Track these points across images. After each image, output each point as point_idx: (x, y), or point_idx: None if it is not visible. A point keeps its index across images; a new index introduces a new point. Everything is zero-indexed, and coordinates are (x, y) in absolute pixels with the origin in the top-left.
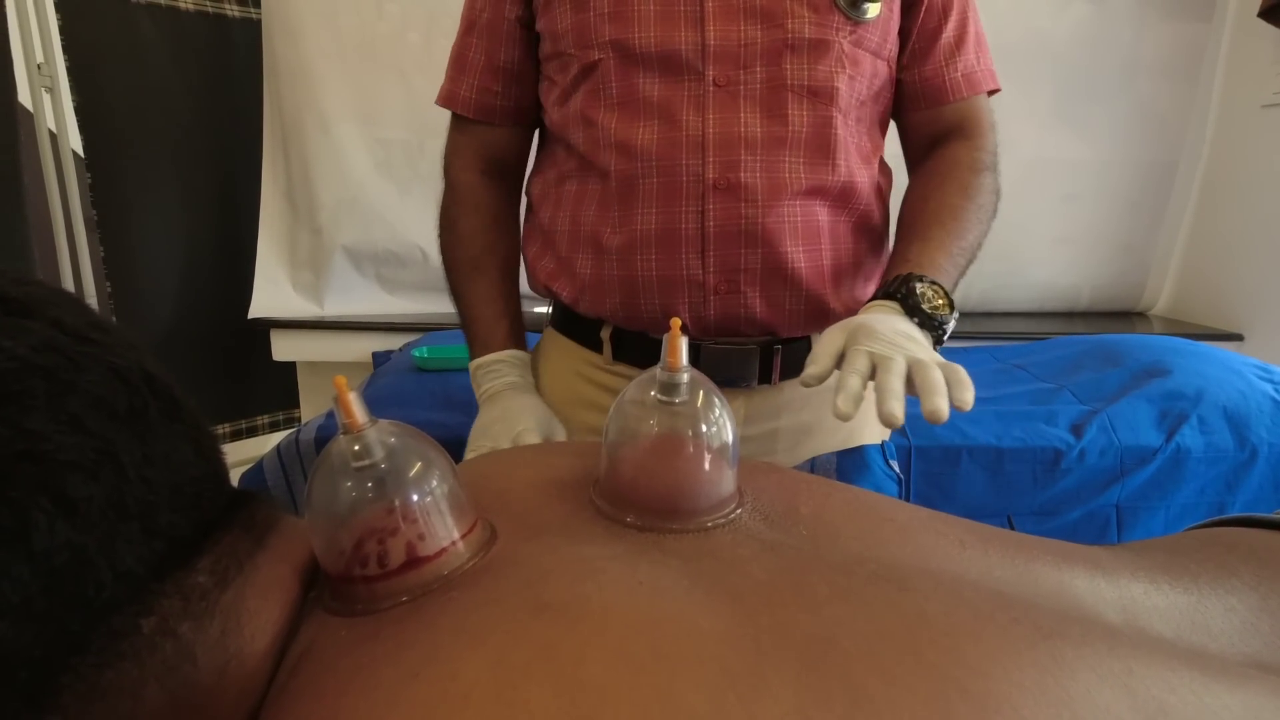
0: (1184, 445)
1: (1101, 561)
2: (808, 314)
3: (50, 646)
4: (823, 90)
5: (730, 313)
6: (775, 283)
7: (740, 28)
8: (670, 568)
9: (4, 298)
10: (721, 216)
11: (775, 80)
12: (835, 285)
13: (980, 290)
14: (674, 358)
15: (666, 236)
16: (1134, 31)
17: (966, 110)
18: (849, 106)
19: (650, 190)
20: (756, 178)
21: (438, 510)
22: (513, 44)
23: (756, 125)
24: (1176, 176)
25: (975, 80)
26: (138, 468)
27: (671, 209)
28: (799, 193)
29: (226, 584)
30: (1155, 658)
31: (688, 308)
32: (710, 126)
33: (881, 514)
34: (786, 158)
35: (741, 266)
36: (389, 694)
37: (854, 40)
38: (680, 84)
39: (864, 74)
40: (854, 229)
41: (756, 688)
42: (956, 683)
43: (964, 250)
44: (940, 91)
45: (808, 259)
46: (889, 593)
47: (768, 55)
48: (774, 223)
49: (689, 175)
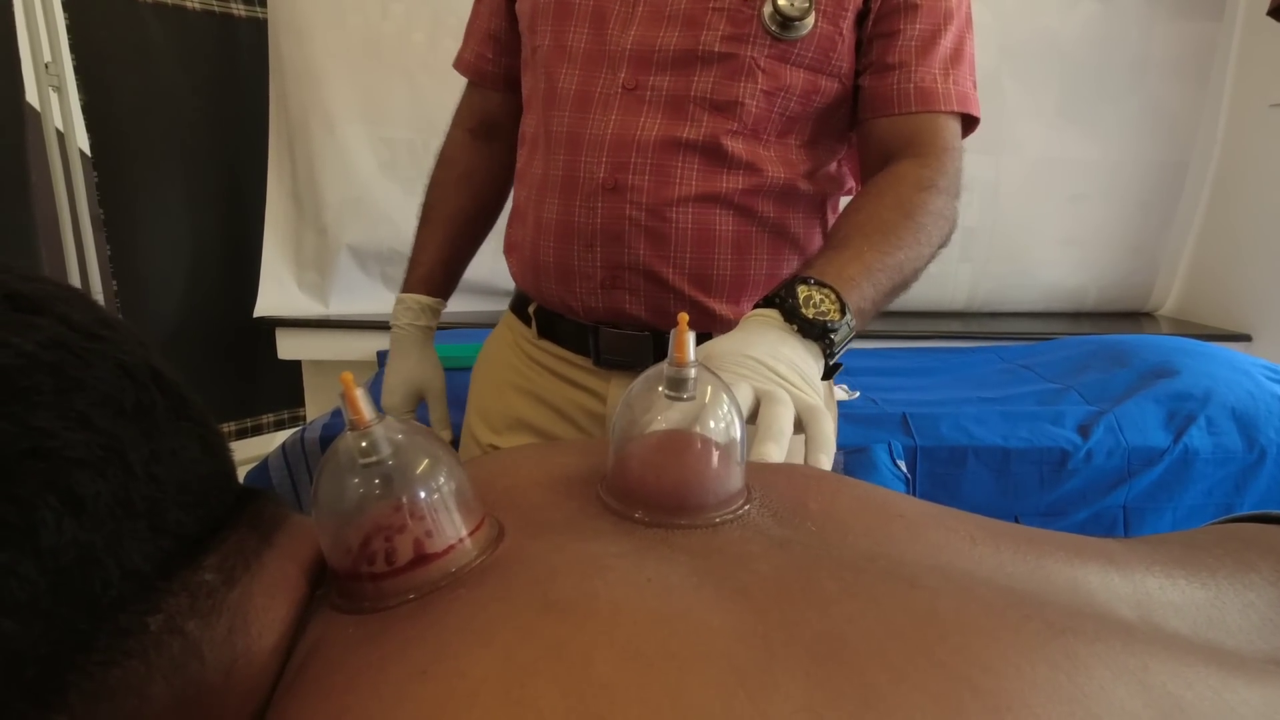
0: (1192, 446)
1: (1115, 556)
2: (694, 320)
3: (57, 645)
4: (726, 104)
5: (615, 306)
6: (654, 286)
7: (659, 34)
8: (678, 564)
9: (12, 294)
10: (608, 215)
11: (680, 90)
12: (734, 295)
13: (986, 290)
14: (681, 352)
15: (563, 228)
16: (1143, 30)
17: (918, 126)
18: (762, 121)
19: (556, 182)
20: (644, 180)
21: (445, 507)
22: (501, 15)
23: (653, 130)
24: (1187, 177)
25: (931, 96)
26: (145, 465)
27: (569, 202)
28: (689, 199)
29: (234, 582)
30: (1171, 654)
31: (579, 296)
32: (611, 128)
33: (891, 510)
34: (679, 164)
35: (625, 265)
36: (396, 691)
37: (776, 55)
38: (595, 83)
39: (791, 90)
40: (773, 240)
41: (766, 685)
42: (968, 680)
43: (888, 268)
44: (886, 101)
45: (694, 265)
46: (899, 589)
47: (678, 64)
48: (658, 226)
49: (586, 172)
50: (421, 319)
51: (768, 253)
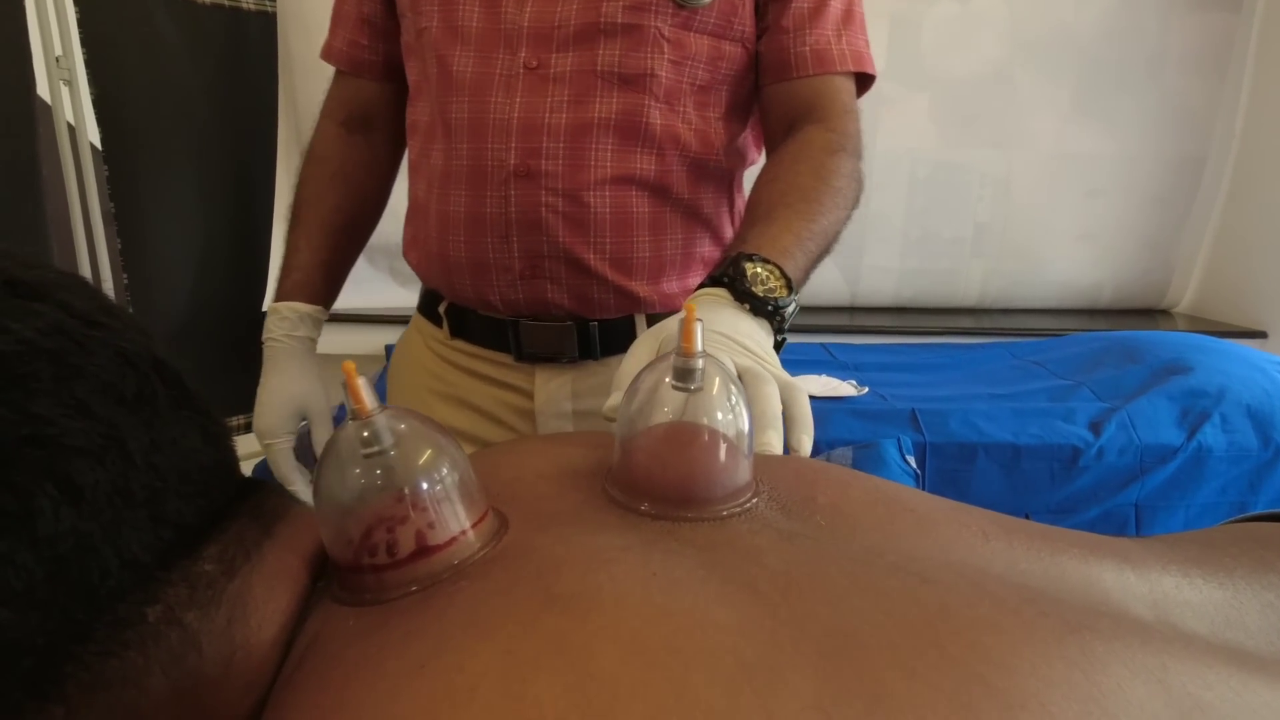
0: (1206, 444)
1: (1130, 554)
2: (617, 304)
3: (54, 635)
4: (636, 77)
5: (537, 297)
6: (576, 273)
7: (557, 8)
8: (685, 557)
9: (13, 280)
10: (523, 204)
11: (585, 65)
12: (653, 277)
13: (999, 287)
14: (688, 342)
15: (474, 220)
16: (1160, 23)
17: (818, 90)
18: (675, 93)
19: (461, 172)
20: (558, 165)
21: (448, 498)
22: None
23: (562, 111)
24: (1204, 172)
25: (827, 58)
26: (145, 454)
27: (478, 193)
28: (606, 182)
29: (234, 573)
30: (1190, 653)
31: (497, 290)
32: (517, 111)
33: (902, 504)
34: (592, 146)
35: (544, 254)
36: (394, 685)
37: (680, 23)
38: (494, 64)
39: (697, 58)
40: (686, 219)
41: (773, 682)
42: (981, 678)
43: (815, 235)
44: (784, 66)
45: (615, 249)
46: (910, 585)
47: (580, 39)
48: (576, 212)
49: (494, 160)
50: (300, 329)
51: (681, 232)
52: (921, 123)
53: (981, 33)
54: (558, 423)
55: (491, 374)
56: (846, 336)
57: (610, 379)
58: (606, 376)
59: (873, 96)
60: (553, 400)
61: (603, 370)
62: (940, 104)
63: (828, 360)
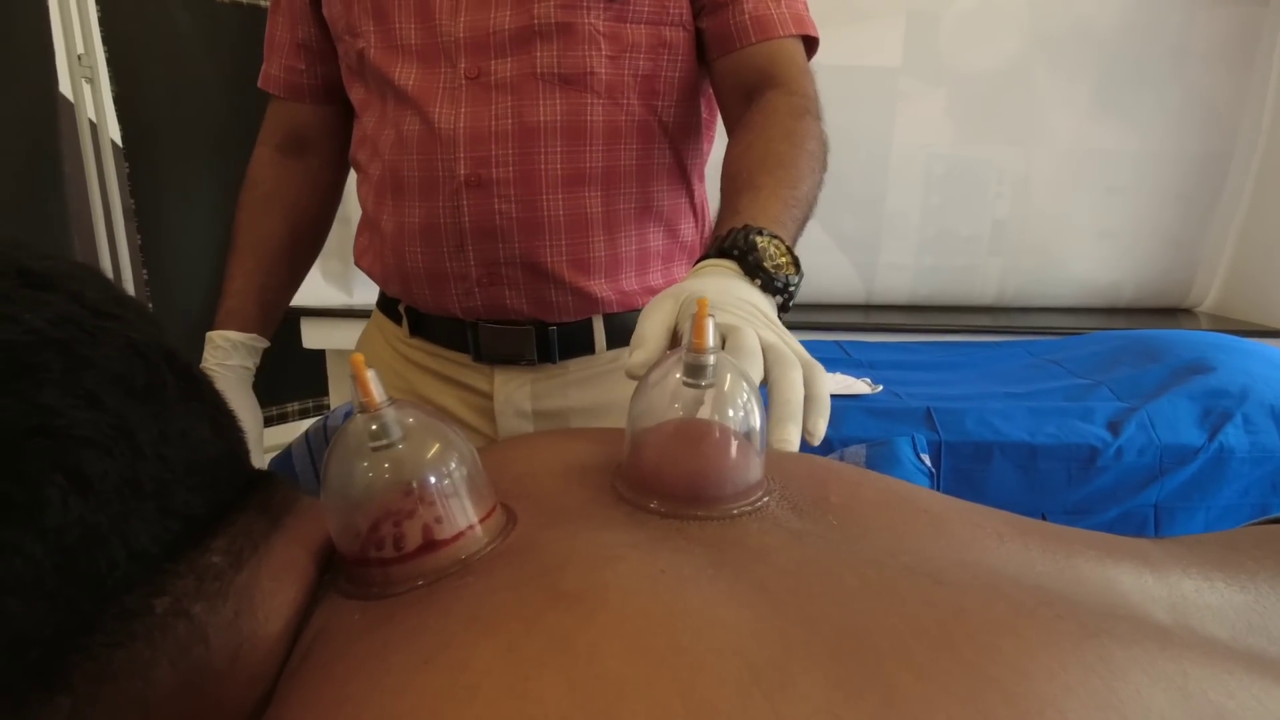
0: (1227, 445)
1: (1149, 556)
2: (575, 306)
3: (61, 625)
4: (575, 76)
5: (495, 303)
6: (535, 278)
7: (490, 16)
8: (694, 556)
9: (24, 270)
10: (476, 213)
11: (524, 70)
12: (611, 275)
13: (1016, 285)
14: (700, 338)
15: (428, 231)
16: (1184, 16)
17: (770, 55)
18: (617, 87)
19: (413, 184)
20: (509, 172)
21: (456, 493)
22: (309, 22)
23: (507, 118)
24: (1229, 168)
25: (768, 23)
26: (154, 445)
27: (431, 204)
28: (558, 185)
29: (241, 565)
30: (1211, 660)
31: (455, 298)
32: (462, 121)
33: (915, 505)
34: (541, 149)
35: (501, 260)
36: (397, 681)
37: (614, 16)
38: (436, 76)
39: (637, 49)
40: (639, 214)
41: (783, 684)
42: (996, 682)
43: (799, 201)
44: (727, 37)
45: (571, 252)
46: (923, 586)
47: (516, 44)
48: (530, 217)
49: (444, 171)
50: (233, 358)
51: (635, 228)
52: (938, 118)
53: (1000, 27)
54: (518, 422)
55: (450, 374)
56: (861, 334)
57: (569, 379)
58: (565, 378)
59: (889, 91)
60: (511, 401)
61: (561, 372)
62: (958, 99)
63: (842, 358)
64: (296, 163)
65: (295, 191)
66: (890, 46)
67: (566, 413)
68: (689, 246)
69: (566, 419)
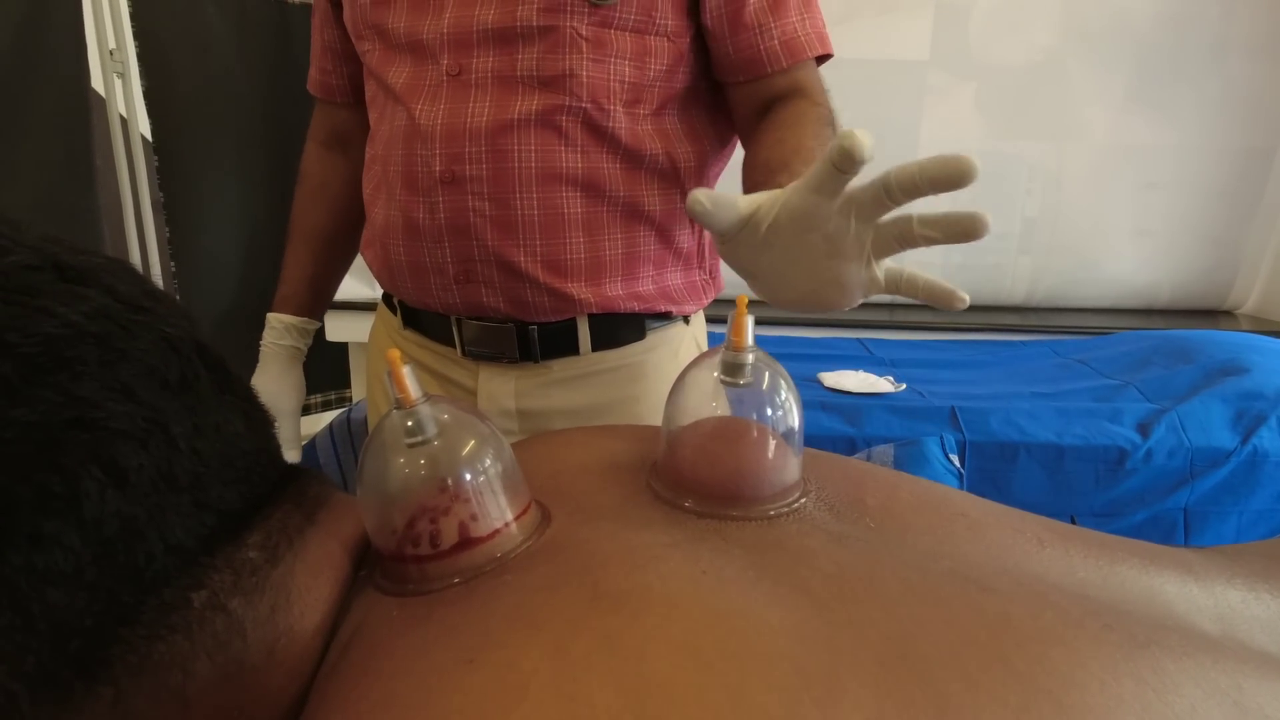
0: (1261, 448)
1: (1192, 565)
2: (553, 306)
3: (101, 616)
4: (555, 79)
5: (472, 300)
6: (509, 276)
7: (475, 13)
8: (734, 557)
9: (60, 264)
10: (450, 210)
11: (505, 70)
12: (592, 279)
13: (1048, 285)
14: (739, 336)
15: (410, 226)
16: (1223, 7)
17: (795, 78)
18: (600, 91)
19: (397, 179)
20: (482, 169)
21: (491, 490)
22: (332, 25)
23: (484, 116)
24: (1272, 164)
25: (797, 47)
26: (188, 439)
27: (411, 199)
28: (531, 183)
29: (277, 560)
30: (1264, 673)
31: (435, 294)
32: (440, 118)
33: (952, 508)
34: (514, 147)
35: (475, 258)
36: (443, 679)
37: (598, 22)
38: (423, 73)
39: (622, 56)
40: (626, 218)
41: (834, 691)
42: (1049, 694)
43: None
44: (756, 63)
45: (546, 251)
46: (968, 592)
47: (499, 43)
48: (503, 215)
49: (423, 167)
50: (285, 339)
51: (621, 232)
52: (968, 113)
53: (1032, 19)
54: (502, 420)
55: (438, 368)
56: (885, 332)
57: (552, 379)
58: (549, 378)
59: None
60: (495, 398)
61: (544, 372)
62: (988, 93)
63: (864, 356)
64: (340, 158)
65: (339, 184)
66: (918, 39)
67: (550, 413)
68: (684, 252)
69: (550, 420)
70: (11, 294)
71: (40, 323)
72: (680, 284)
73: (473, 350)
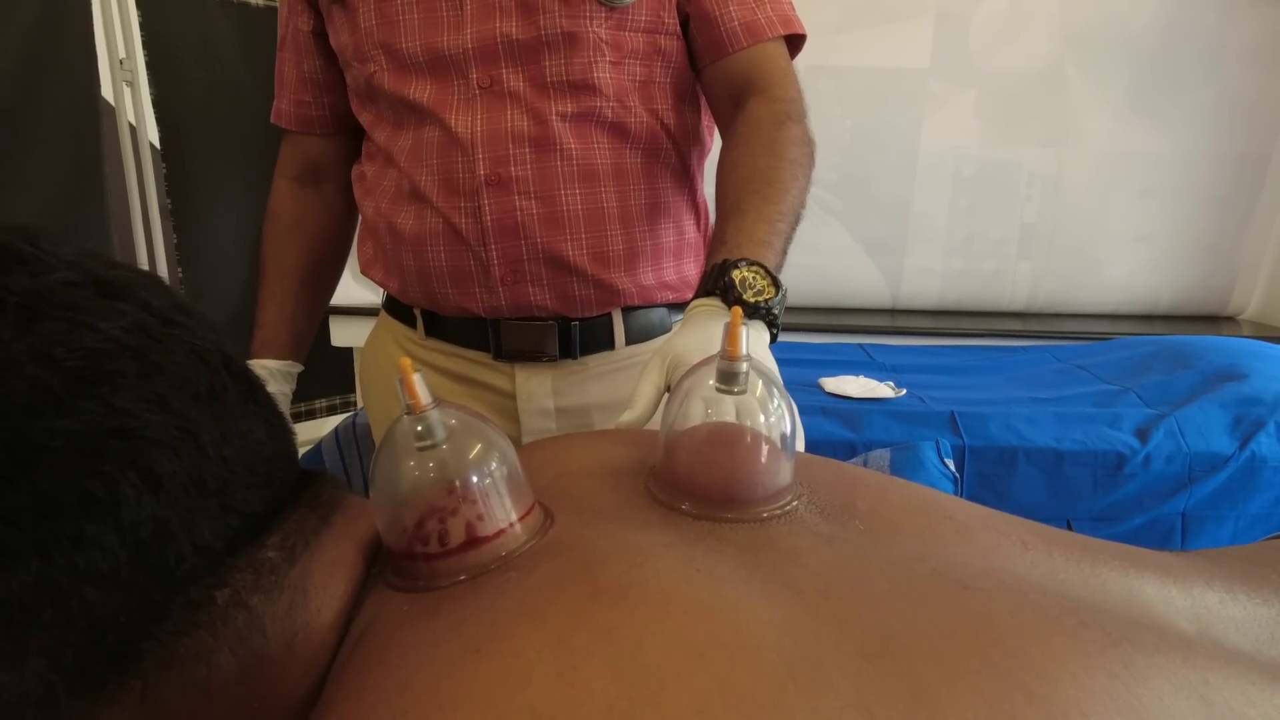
0: (1259, 453)
1: (1173, 568)
2: (598, 298)
3: (134, 614)
4: (582, 83)
5: (519, 301)
6: (558, 272)
7: (497, 26)
8: (727, 556)
9: (99, 280)
10: (497, 211)
11: (536, 79)
12: (629, 268)
13: (1048, 291)
14: (734, 347)
15: (450, 231)
16: (1220, 15)
17: (755, 60)
18: (621, 91)
19: (432, 188)
20: (527, 170)
21: (496, 492)
22: (313, 55)
23: (523, 122)
24: (1268, 170)
25: (756, 27)
26: (216, 446)
27: (452, 205)
28: (574, 179)
29: (294, 560)
30: (1233, 669)
31: (478, 296)
32: (479, 126)
33: (941, 511)
34: (555, 147)
35: (524, 257)
36: (450, 666)
37: (615, 25)
38: (449, 88)
39: (637, 55)
40: (649, 210)
41: (817, 680)
42: (1022, 685)
43: (784, 215)
44: (717, 45)
45: (591, 246)
46: (951, 591)
47: (526, 54)
48: (551, 213)
49: (464, 172)
50: (269, 385)
51: (648, 224)
52: (967, 120)
53: (1031, 27)
54: (541, 420)
55: (468, 373)
56: (886, 338)
57: (589, 375)
58: (585, 374)
59: (917, 93)
60: (533, 398)
61: (581, 368)
62: (987, 100)
63: (865, 361)
64: (313, 193)
65: (315, 220)
66: (919, 47)
67: (587, 409)
68: (693, 244)
69: (587, 415)
70: (56, 309)
71: (83, 337)
72: (695, 274)
73: (509, 352)
